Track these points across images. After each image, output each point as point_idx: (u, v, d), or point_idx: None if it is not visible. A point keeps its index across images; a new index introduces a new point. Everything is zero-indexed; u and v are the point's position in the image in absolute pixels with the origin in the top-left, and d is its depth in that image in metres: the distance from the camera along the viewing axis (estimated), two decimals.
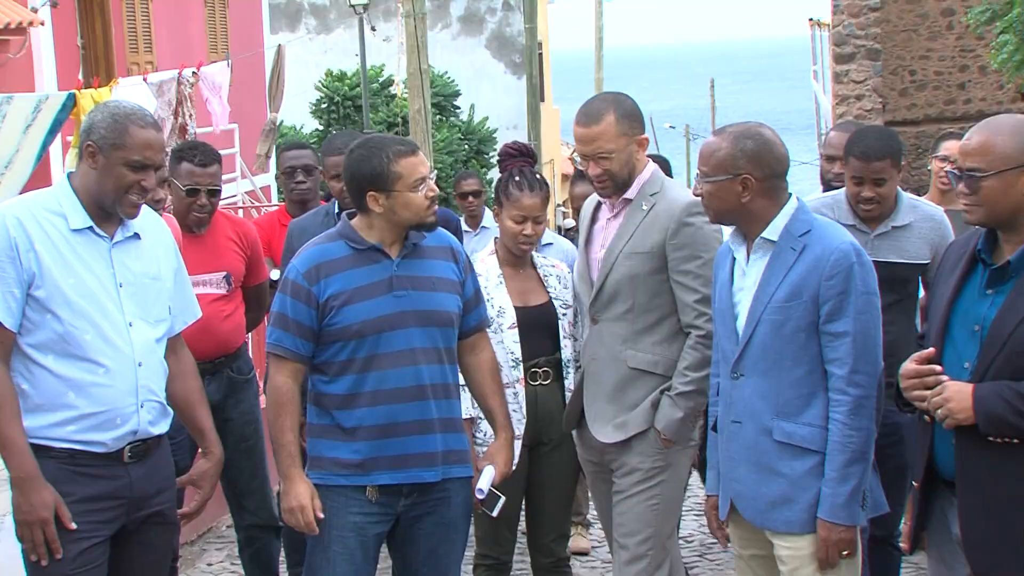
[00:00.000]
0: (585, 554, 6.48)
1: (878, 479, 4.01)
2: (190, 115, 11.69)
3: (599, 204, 4.51)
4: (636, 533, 4.33)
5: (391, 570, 4.31)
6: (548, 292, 4.76)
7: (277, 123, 15.54)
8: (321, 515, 3.98)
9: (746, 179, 3.79)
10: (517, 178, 4.76)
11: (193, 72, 11.83)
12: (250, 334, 6.39)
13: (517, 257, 4.77)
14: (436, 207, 4.09)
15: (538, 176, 4.86)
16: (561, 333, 4.73)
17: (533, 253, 4.85)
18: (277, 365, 4.07)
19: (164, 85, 11.48)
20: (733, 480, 3.91)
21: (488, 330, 4.36)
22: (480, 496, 4.22)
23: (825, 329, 3.72)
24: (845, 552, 3.71)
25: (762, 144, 3.81)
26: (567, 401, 4.69)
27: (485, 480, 4.21)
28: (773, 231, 3.81)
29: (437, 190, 4.08)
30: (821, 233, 3.78)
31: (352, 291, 4.00)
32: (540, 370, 4.69)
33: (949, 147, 5.78)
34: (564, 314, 4.75)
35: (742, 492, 3.88)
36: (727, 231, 5.32)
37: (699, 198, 4.46)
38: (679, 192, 4.42)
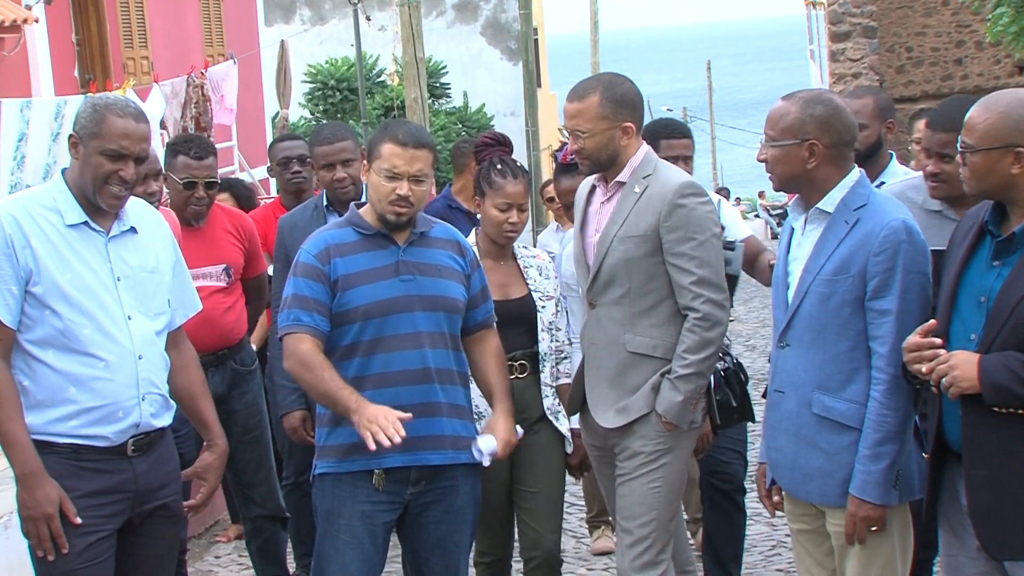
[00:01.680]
0: (608, 553, 6.34)
1: (920, 462, 3.95)
2: (201, 114, 11.76)
3: (593, 187, 4.48)
4: (638, 516, 4.32)
5: (400, 559, 4.30)
6: (528, 284, 4.71)
7: (288, 119, 15.57)
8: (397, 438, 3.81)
9: (813, 144, 3.77)
10: (499, 166, 4.70)
11: (201, 72, 11.91)
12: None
13: (499, 248, 4.69)
14: (405, 209, 4.04)
15: (519, 164, 4.80)
16: (539, 326, 4.69)
17: (515, 244, 4.78)
18: (297, 338, 4.00)
19: (176, 86, 11.58)
20: (772, 449, 3.94)
21: None
22: (479, 458, 4.12)
23: (870, 306, 3.71)
24: (873, 528, 3.72)
25: (832, 110, 3.79)
26: (543, 396, 4.68)
27: (486, 446, 4.11)
28: (829, 203, 3.79)
29: (411, 193, 4.03)
30: (875, 208, 3.75)
31: (359, 273, 4.03)
32: (516, 363, 4.64)
33: (919, 127, 5.64)
34: (543, 307, 4.70)
35: (780, 461, 3.90)
36: (728, 212, 5.32)
37: (693, 179, 4.46)
38: (672, 174, 4.39)
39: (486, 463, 4.13)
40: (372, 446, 3.78)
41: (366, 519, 4.05)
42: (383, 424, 3.79)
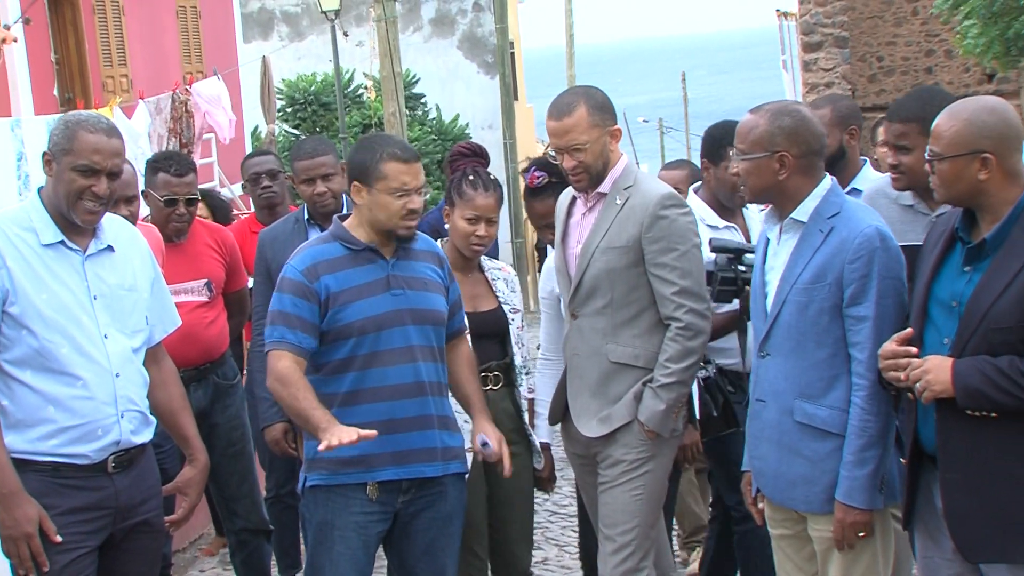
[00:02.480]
0: None
1: (899, 467, 3.95)
2: (183, 130, 11.74)
3: (573, 199, 4.46)
4: (620, 524, 4.31)
5: (386, 569, 4.28)
6: (497, 297, 4.68)
7: (275, 134, 15.57)
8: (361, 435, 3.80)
9: (783, 156, 3.78)
10: (471, 177, 4.65)
11: (186, 88, 11.90)
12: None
13: (466, 260, 4.64)
14: (415, 221, 4.06)
15: (492, 177, 4.75)
16: (512, 338, 4.67)
17: (482, 257, 4.74)
18: (277, 355, 3.97)
19: (160, 103, 11.57)
20: (756, 458, 3.94)
21: None
22: (480, 443, 4.15)
23: (848, 312, 3.71)
24: (861, 534, 3.72)
25: (799, 121, 3.80)
26: (516, 405, 4.66)
27: (491, 438, 4.16)
28: (803, 212, 3.80)
29: (419, 206, 4.05)
30: (849, 216, 3.76)
31: (352, 289, 4.01)
32: (491, 374, 4.61)
33: (883, 131, 5.61)
34: (512, 319, 4.68)
35: (763, 470, 3.91)
36: (712, 217, 5.22)
37: (674, 190, 4.45)
38: (653, 184, 4.39)
39: (484, 444, 4.16)
40: (322, 448, 3.77)
41: (360, 530, 4.04)
42: (343, 438, 3.77)
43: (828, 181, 3.85)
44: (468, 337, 4.38)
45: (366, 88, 24.13)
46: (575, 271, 4.36)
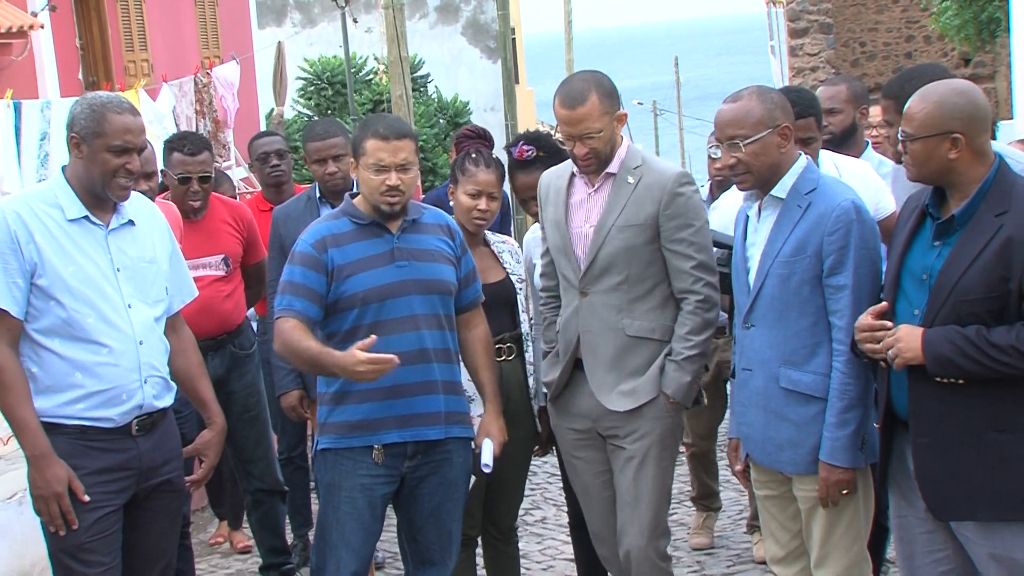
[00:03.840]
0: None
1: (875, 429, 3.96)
2: (211, 110, 11.74)
3: (571, 178, 4.36)
4: (652, 492, 4.28)
5: (396, 527, 4.31)
6: (504, 268, 4.66)
7: (284, 116, 15.56)
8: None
9: (784, 130, 3.81)
10: (473, 155, 4.65)
11: (207, 72, 11.90)
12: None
13: (471, 235, 4.59)
14: (396, 198, 4.04)
15: (494, 157, 4.75)
16: (519, 307, 4.65)
17: (486, 231, 4.73)
18: (284, 320, 3.99)
19: (184, 85, 11.57)
20: (743, 424, 3.95)
21: None
22: (487, 471, 4.18)
23: (827, 282, 3.73)
24: (845, 491, 3.74)
25: (782, 97, 3.87)
26: (528, 376, 4.63)
27: (488, 454, 4.17)
28: (781, 189, 3.82)
29: (398, 182, 4.03)
30: (825, 191, 3.78)
31: (357, 262, 4.02)
32: (504, 346, 4.58)
33: (874, 112, 5.64)
34: (520, 289, 4.66)
35: (751, 435, 3.92)
36: (873, 180, 5.09)
37: (686, 169, 4.43)
38: (663, 164, 4.36)
39: (489, 471, 4.18)
40: (362, 369, 3.78)
41: (366, 491, 4.05)
42: (375, 365, 3.78)
43: (804, 159, 3.87)
44: (483, 313, 4.35)
45: (375, 73, 24.11)
46: (587, 249, 4.27)
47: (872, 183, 4.64)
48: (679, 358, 4.21)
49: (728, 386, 4.86)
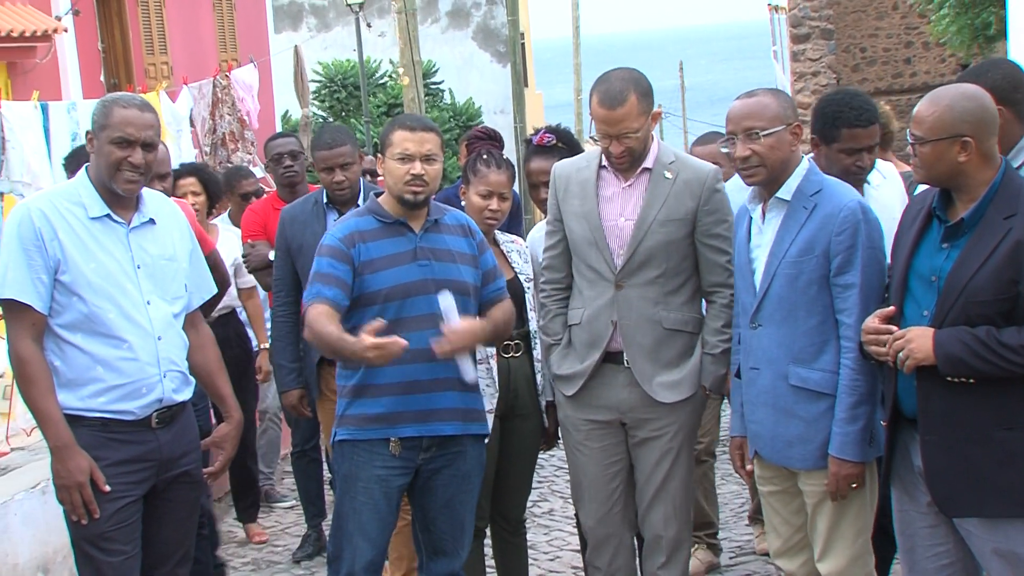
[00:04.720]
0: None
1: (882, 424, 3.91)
2: (229, 114, 11.74)
3: (599, 173, 4.27)
4: (684, 487, 4.31)
5: (411, 517, 4.30)
6: (513, 268, 4.64)
7: (310, 116, 15.55)
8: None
9: (797, 129, 3.82)
10: (484, 156, 4.64)
11: (225, 75, 11.90)
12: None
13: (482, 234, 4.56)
14: (420, 188, 4.03)
15: (505, 158, 4.72)
16: (528, 305, 4.62)
17: (496, 231, 4.70)
18: (313, 306, 3.97)
19: (203, 88, 11.58)
20: (752, 422, 3.93)
21: None
22: (449, 318, 3.95)
23: (835, 281, 3.71)
24: (854, 485, 3.73)
25: (792, 99, 3.86)
26: (535, 372, 4.60)
27: (445, 301, 3.95)
28: (786, 191, 3.80)
29: (422, 172, 4.01)
30: (831, 192, 3.77)
31: (381, 259, 4.02)
32: (512, 343, 4.56)
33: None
34: (528, 288, 4.64)
35: (760, 433, 3.90)
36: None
37: (719, 166, 4.38)
38: (696, 161, 4.36)
39: (447, 305, 3.95)
40: (371, 352, 3.74)
41: (381, 483, 4.05)
42: (382, 350, 3.75)
43: (806, 161, 3.86)
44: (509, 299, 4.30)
45: (390, 76, 24.16)
46: (627, 242, 4.21)
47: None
48: (716, 351, 4.21)
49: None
